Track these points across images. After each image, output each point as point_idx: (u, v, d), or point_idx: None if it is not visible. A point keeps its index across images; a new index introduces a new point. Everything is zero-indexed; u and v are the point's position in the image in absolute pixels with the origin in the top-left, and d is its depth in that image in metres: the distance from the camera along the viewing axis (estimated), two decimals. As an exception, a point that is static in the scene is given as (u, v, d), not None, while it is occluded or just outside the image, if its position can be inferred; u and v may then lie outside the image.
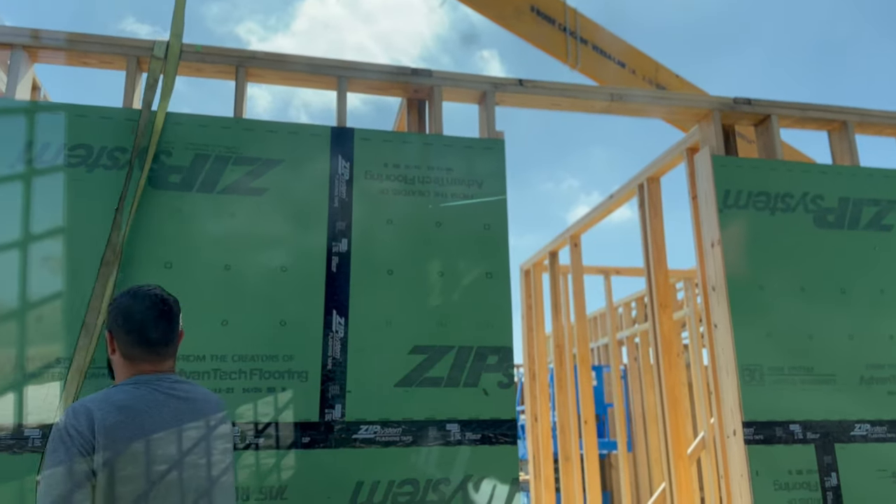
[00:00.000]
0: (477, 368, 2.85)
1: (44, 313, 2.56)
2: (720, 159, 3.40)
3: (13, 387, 2.47)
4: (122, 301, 1.89)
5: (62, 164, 2.70)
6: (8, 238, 2.60)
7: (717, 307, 3.30)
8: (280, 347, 2.71)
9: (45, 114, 2.76)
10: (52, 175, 2.68)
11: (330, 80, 3.19)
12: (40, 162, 2.68)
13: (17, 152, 2.67)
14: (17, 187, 2.65)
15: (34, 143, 2.69)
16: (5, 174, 2.64)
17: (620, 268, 7.36)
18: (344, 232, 2.91)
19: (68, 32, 2.91)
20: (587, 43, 5.43)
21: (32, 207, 2.64)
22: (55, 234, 2.64)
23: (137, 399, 1.77)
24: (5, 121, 2.70)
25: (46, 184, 2.68)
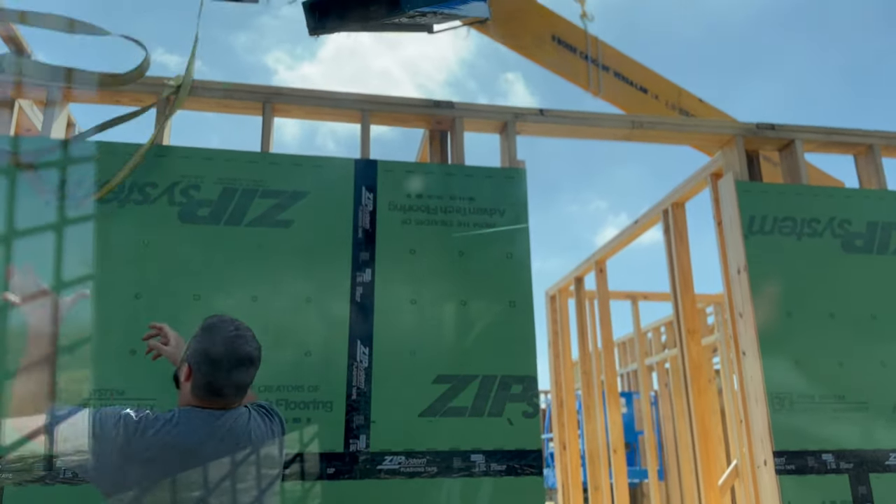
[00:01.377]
0: (501, 398, 2.85)
1: (76, 345, 2.62)
2: (744, 185, 3.38)
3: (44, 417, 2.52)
4: (211, 348, 1.85)
5: (94, 200, 2.78)
6: (43, 272, 2.67)
7: (744, 334, 3.26)
8: (305, 377, 2.74)
9: (78, 151, 2.85)
10: (84, 210, 2.76)
11: (354, 113, 3.25)
12: (73, 198, 2.77)
13: (51, 189, 2.75)
14: (51, 223, 2.74)
15: (68, 180, 2.78)
16: (40, 210, 2.72)
17: (648, 293, 7.30)
18: (368, 262, 2.95)
19: (101, 73, 3.02)
20: (609, 70, 5.45)
21: (65, 243, 2.72)
22: (88, 268, 2.71)
23: (194, 433, 1.80)
24: (40, 158, 2.80)
25: (79, 219, 2.76)
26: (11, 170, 2.75)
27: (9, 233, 2.67)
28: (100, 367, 2.61)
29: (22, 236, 2.69)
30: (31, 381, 1.79)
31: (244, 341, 1.89)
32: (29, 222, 2.70)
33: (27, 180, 2.75)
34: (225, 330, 1.89)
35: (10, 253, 2.66)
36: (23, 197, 2.73)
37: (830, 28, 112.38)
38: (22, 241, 2.68)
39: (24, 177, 2.75)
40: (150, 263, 2.76)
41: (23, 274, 1.90)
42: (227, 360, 1.84)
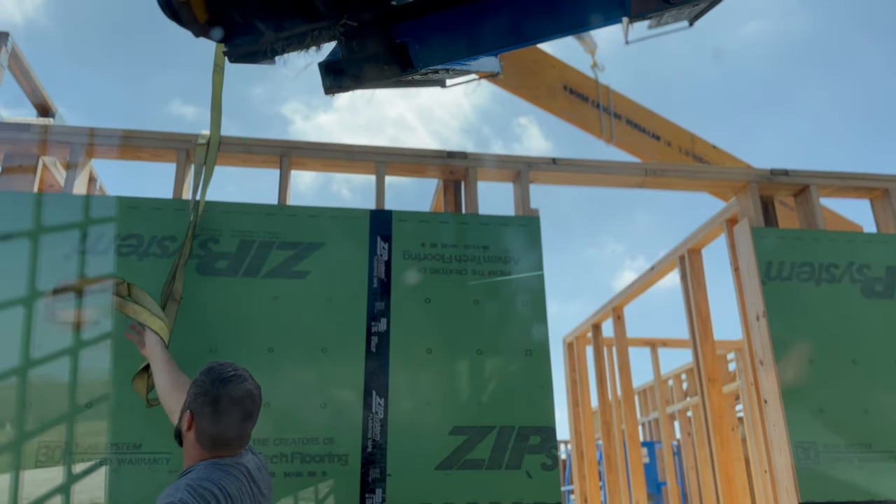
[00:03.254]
0: (519, 450, 2.80)
1: (94, 398, 2.63)
2: (760, 231, 3.37)
3: (62, 470, 2.52)
4: (211, 391, 1.86)
5: (115, 254, 2.83)
6: (60, 328, 2.71)
7: (765, 382, 3.20)
8: (321, 430, 2.72)
9: (99, 206, 2.91)
10: (105, 264, 2.81)
11: (369, 165, 3.30)
12: (94, 252, 2.82)
13: (73, 243, 2.81)
14: (72, 277, 2.78)
15: (89, 235, 2.83)
16: (62, 264, 2.77)
17: (667, 339, 7.22)
18: (383, 312, 2.95)
19: (123, 130, 3.11)
20: (621, 118, 5.52)
21: (85, 297, 2.75)
22: (107, 321, 2.74)
23: (236, 486, 1.81)
24: (63, 214, 2.86)
25: (100, 272, 2.80)
26: (35, 228, 2.81)
27: (31, 291, 2.72)
28: (117, 421, 2.61)
29: (42, 293, 2.73)
30: None
31: (242, 380, 1.90)
32: (52, 278, 2.74)
33: (50, 237, 2.81)
34: (224, 372, 1.90)
35: (32, 309, 2.70)
36: (46, 253, 2.78)
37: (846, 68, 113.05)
38: (42, 298, 2.73)
39: (47, 234, 2.81)
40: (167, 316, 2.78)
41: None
42: (229, 400, 1.85)
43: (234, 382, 1.87)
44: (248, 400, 1.88)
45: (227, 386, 1.86)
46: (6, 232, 2.78)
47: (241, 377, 1.90)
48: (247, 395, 1.88)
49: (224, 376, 1.88)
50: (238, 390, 1.86)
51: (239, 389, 1.87)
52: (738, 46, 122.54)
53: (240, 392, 1.86)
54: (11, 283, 2.72)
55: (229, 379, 1.87)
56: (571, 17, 1.48)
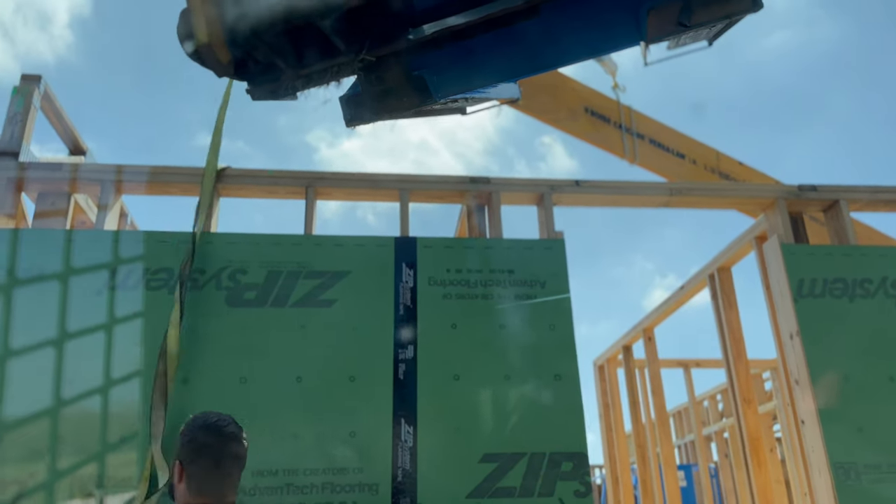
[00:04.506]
0: (551, 476, 2.77)
1: (124, 432, 2.66)
2: (790, 248, 3.32)
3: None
4: (199, 436, 1.91)
5: (145, 288, 2.88)
6: (96, 358, 2.75)
7: (802, 401, 3.13)
8: (350, 460, 2.71)
9: (129, 241, 2.97)
10: (135, 299, 2.86)
11: (392, 193, 3.33)
12: (124, 287, 2.87)
13: (104, 279, 2.86)
14: (103, 312, 2.83)
15: (119, 270, 2.89)
16: (93, 300, 2.82)
17: (700, 360, 7.10)
18: (410, 339, 2.96)
19: (152, 167, 3.18)
20: (644, 137, 5.50)
21: (116, 332, 2.80)
22: (139, 355, 2.78)
23: None
24: (94, 250, 2.92)
25: (130, 307, 2.85)
26: (66, 264, 2.87)
27: (62, 332, 2.77)
28: (148, 452, 2.63)
29: (77, 330, 2.79)
30: None
31: (227, 424, 1.95)
32: (83, 314, 2.80)
33: (82, 273, 2.87)
34: (208, 419, 1.96)
35: (64, 346, 2.75)
36: (78, 289, 2.84)
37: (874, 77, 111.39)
38: (76, 332, 2.78)
39: (79, 270, 2.87)
40: (198, 348, 2.81)
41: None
42: (216, 445, 1.89)
43: (218, 427, 1.93)
44: (234, 443, 1.93)
45: (211, 431, 1.92)
46: (39, 269, 2.84)
47: (225, 421, 1.97)
48: (232, 437, 1.93)
49: (208, 423, 1.94)
50: (223, 434, 1.92)
51: (224, 433, 1.92)
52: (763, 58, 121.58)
53: (225, 435, 1.92)
54: (44, 319, 2.77)
55: (213, 424, 1.94)
56: (588, 43, 1.49)
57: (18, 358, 2.71)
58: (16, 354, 2.71)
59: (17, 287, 2.81)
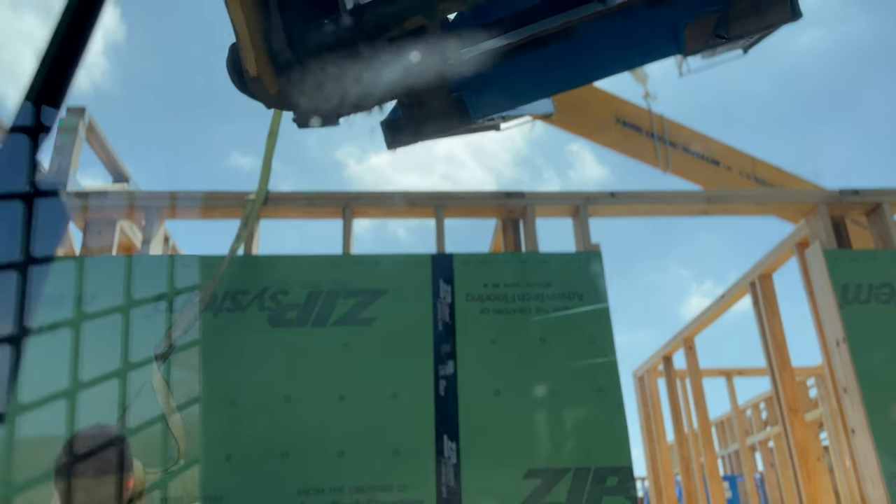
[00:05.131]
0: (597, 492, 2.75)
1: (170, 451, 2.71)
2: (833, 253, 3.26)
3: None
4: (61, 459, 1.83)
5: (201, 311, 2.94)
6: (143, 379, 2.81)
7: (851, 410, 3.06)
8: (394, 477, 2.73)
9: (175, 266, 3.04)
10: (182, 322, 2.92)
11: (428, 210, 3.36)
12: (172, 310, 2.93)
13: (151, 303, 2.93)
14: (149, 336, 2.89)
15: (167, 294, 2.96)
16: (139, 324, 2.89)
17: (743, 368, 6.98)
18: (449, 354, 2.97)
19: (199, 192, 3.26)
20: (676, 146, 5.46)
21: (173, 357, 2.86)
22: (197, 382, 2.84)
23: None
24: (141, 275, 3.00)
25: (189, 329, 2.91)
26: (126, 290, 2.95)
27: (125, 365, 2.84)
28: (198, 474, 2.68)
29: (135, 359, 2.86)
30: None
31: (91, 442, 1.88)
32: (138, 338, 2.87)
33: (137, 297, 2.94)
34: (76, 437, 1.89)
35: (123, 367, 2.82)
36: (134, 314, 2.91)
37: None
38: (129, 355, 2.85)
39: (136, 295, 2.94)
40: (244, 370, 2.86)
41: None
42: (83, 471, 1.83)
43: (76, 439, 1.87)
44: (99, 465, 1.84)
45: (69, 449, 1.86)
46: (100, 295, 2.91)
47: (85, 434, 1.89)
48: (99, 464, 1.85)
49: (67, 441, 1.88)
50: (78, 447, 1.86)
51: (80, 446, 1.86)
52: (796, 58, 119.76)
53: (81, 447, 1.85)
54: (107, 345, 2.83)
55: (71, 440, 1.88)
56: (626, 57, 1.50)
57: (87, 383, 2.78)
58: (84, 381, 2.79)
59: (82, 314, 2.88)
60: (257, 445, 2.74)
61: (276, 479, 2.69)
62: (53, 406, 2.64)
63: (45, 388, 2.68)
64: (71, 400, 2.68)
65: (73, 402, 2.70)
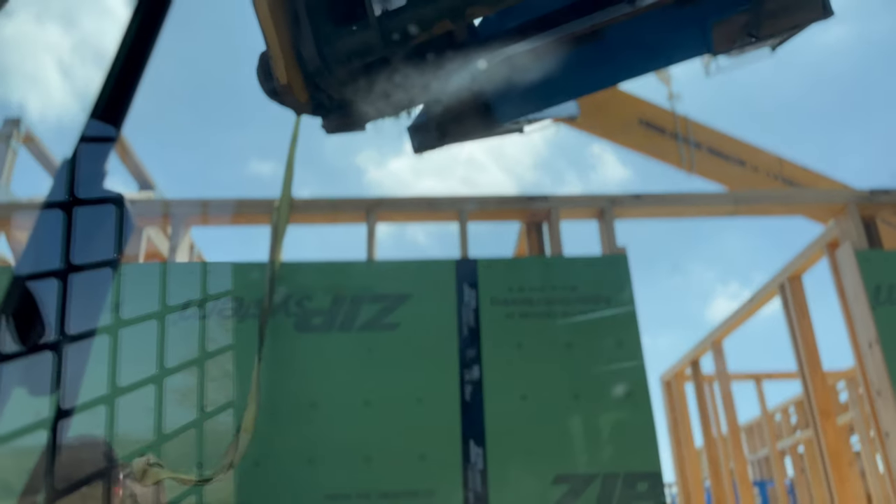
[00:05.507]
0: (626, 498, 2.71)
1: (203, 457, 2.74)
2: (864, 254, 3.20)
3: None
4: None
5: (218, 317, 2.96)
6: (177, 385, 2.84)
7: (885, 413, 3.00)
8: (421, 482, 2.72)
9: (203, 273, 3.07)
10: (210, 327, 2.94)
11: (451, 214, 3.36)
12: (199, 316, 2.96)
13: (177, 310, 2.96)
14: (174, 343, 2.92)
15: (194, 300, 2.98)
16: (173, 331, 2.92)
17: (772, 372, 6.88)
18: (475, 359, 2.96)
19: (226, 200, 3.29)
20: (701, 147, 5.40)
21: (208, 364, 2.89)
22: (215, 382, 2.86)
23: None
24: (168, 282, 3.03)
25: (206, 335, 2.93)
26: (162, 298, 2.98)
27: (162, 369, 2.86)
28: (227, 480, 2.69)
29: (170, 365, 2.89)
30: None
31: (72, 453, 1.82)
32: (178, 346, 2.89)
33: (170, 301, 2.97)
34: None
35: (160, 374, 2.85)
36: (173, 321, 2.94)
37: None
38: (160, 360, 2.88)
39: (170, 301, 2.98)
40: (271, 375, 2.88)
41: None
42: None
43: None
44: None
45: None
46: (137, 302, 2.94)
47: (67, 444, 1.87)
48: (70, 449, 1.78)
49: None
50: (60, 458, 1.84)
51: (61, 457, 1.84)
52: (821, 55, 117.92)
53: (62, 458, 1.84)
54: (143, 351, 2.86)
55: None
56: (654, 57, 1.48)
57: (124, 389, 2.82)
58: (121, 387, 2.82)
59: (119, 320, 2.91)
60: (284, 451, 2.75)
61: (303, 485, 2.70)
62: (89, 412, 2.68)
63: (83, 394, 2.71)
64: (109, 405, 2.71)
65: (111, 408, 2.73)
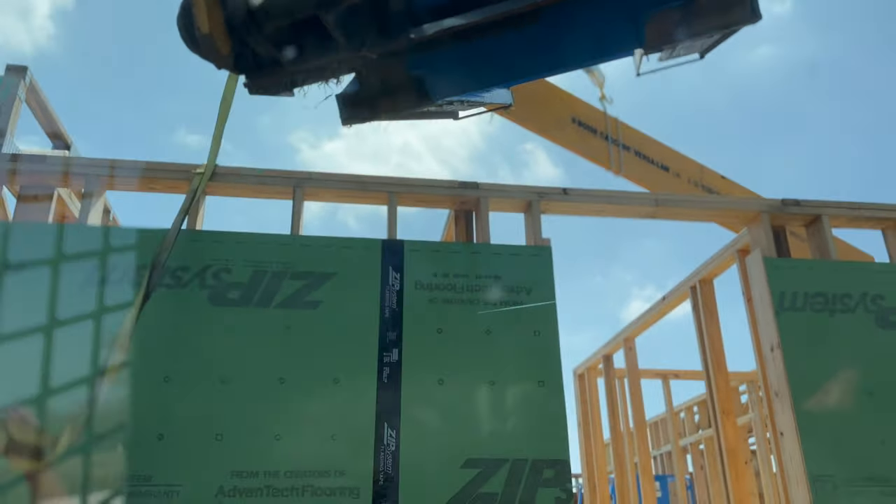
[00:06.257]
0: (533, 483, 2.77)
1: (107, 429, 2.62)
2: (772, 261, 3.36)
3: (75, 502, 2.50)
4: None
5: (128, 285, 2.84)
6: (75, 355, 2.71)
7: (781, 414, 3.16)
8: (331, 462, 2.69)
9: (113, 237, 2.94)
10: (119, 295, 2.82)
11: (381, 196, 3.32)
12: (108, 283, 2.83)
13: (85, 275, 2.82)
14: (85, 308, 2.79)
15: (102, 266, 2.85)
16: (75, 297, 2.78)
17: (679, 371, 7.16)
18: (395, 342, 2.94)
19: (140, 162, 3.14)
20: (630, 149, 5.54)
21: (98, 328, 2.76)
22: (119, 351, 2.74)
23: None
24: (77, 245, 2.88)
25: (113, 304, 2.81)
26: (56, 257, 2.83)
27: (50, 321, 2.73)
28: (127, 452, 2.59)
29: (60, 325, 2.74)
30: None
31: None
32: (67, 309, 2.76)
33: (67, 268, 2.82)
34: None
35: (50, 339, 2.71)
36: (62, 284, 2.80)
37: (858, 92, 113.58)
38: (60, 328, 2.74)
39: (63, 264, 2.83)
40: (180, 347, 2.78)
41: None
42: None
43: None
44: None
45: None
46: (22, 261, 2.80)
47: None
48: None
49: None
50: None
51: None
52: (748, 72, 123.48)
53: None
54: (27, 313, 2.72)
55: None
56: (587, 50, 1.50)
57: (5, 348, 2.67)
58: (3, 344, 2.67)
59: (4, 278, 2.76)
60: (191, 425, 2.67)
61: (209, 461, 2.62)
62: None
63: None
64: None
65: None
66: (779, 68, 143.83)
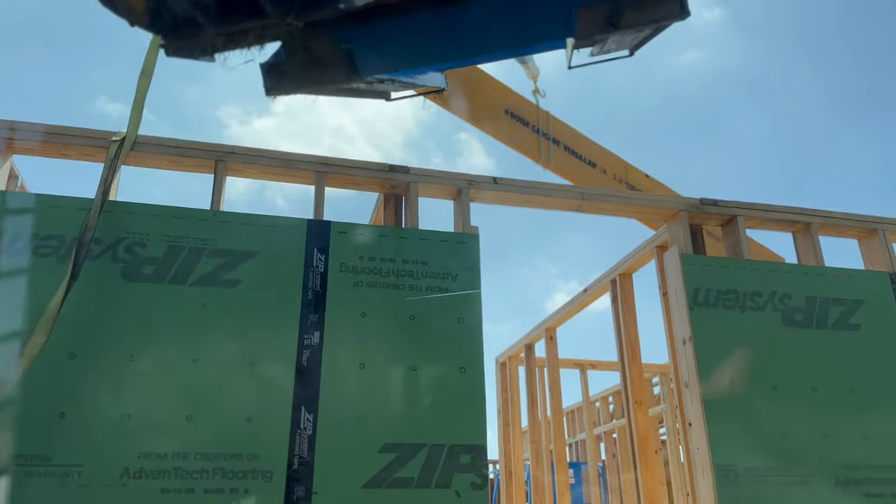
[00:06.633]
0: (449, 468, 2.78)
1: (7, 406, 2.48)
2: (688, 258, 3.47)
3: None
4: None
5: (32, 254, 2.68)
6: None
7: (690, 405, 3.28)
8: (245, 445, 2.63)
9: (16, 204, 2.76)
10: (19, 264, 2.66)
11: (308, 175, 3.24)
12: (9, 252, 2.66)
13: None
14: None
15: (4, 233, 2.68)
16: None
17: (596, 361, 7.34)
18: (316, 325, 2.89)
19: (48, 125, 2.96)
20: (560, 144, 5.62)
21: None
22: (21, 324, 2.59)
23: None
24: (-21, 210, 2.70)
25: (14, 273, 2.65)
26: None
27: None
28: (25, 431, 2.45)
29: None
30: None
31: None
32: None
33: None
34: None
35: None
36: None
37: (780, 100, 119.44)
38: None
39: None
40: (87, 322, 2.65)
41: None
42: None
43: None
44: None
45: None
46: None
47: None
48: None
49: None
50: None
51: None
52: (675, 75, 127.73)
53: None
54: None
55: None
56: (518, 36, 1.49)
57: None
58: None
59: None
60: (96, 404, 2.55)
61: (115, 441, 2.51)
62: None
63: None
64: None
65: None
66: (705, 72, 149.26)
